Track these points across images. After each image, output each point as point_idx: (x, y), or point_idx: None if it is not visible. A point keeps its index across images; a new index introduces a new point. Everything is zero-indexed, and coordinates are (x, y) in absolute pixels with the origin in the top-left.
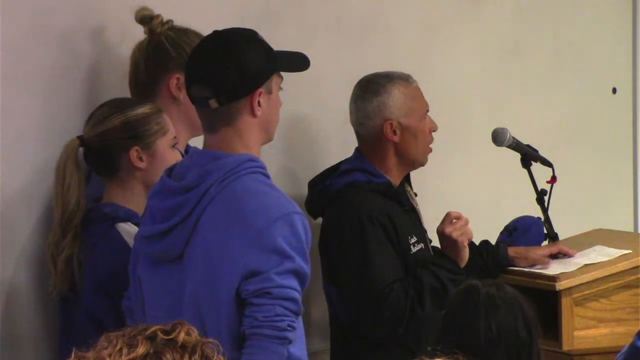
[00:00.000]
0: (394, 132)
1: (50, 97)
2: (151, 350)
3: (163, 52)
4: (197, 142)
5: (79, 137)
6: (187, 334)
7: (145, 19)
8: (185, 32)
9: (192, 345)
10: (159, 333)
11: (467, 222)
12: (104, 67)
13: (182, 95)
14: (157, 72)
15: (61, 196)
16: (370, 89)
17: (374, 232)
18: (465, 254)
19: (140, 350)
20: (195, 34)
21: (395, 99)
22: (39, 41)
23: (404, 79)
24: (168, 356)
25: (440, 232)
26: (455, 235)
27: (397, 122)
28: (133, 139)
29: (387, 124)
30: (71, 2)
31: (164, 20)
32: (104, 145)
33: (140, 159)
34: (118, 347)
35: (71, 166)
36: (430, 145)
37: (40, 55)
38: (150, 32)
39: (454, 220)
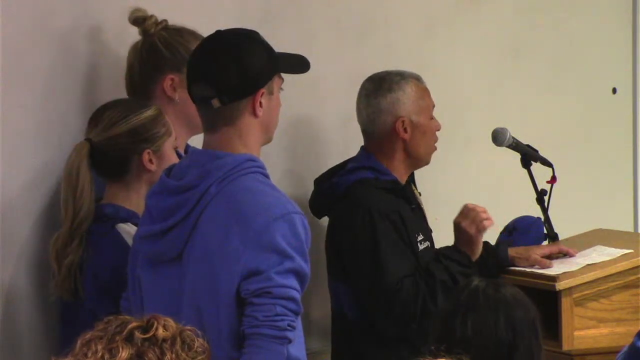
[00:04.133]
0: (405, 130)
1: (50, 97)
2: (133, 352)
3: (156, 53)
4: (197, 142)
5: (88, 140)
6: (164, 328)
7: (138, 20)
8: (180, 31)
9: (171, 337)
10: (135, 332)
11: (481, 213)
12: (104, 67)
13: (178, 96)
14: (151, 74)
15: (73, 201)
16: (384, 85)
17: (385, 229)
18: (478, 249)
19: (123, 354)
20: (190, 33)
21: (409, 97)
22: (39, 41)
23: (416, 78)
24: (150, 355)
25: (457, 224)
26: (471, 231)
27: (409, 119)
28: (145, 142)
29: (399, 120)
30: (71, 2)
31: (158, 21)
32: (115, 149)
33: (151, 161)
34: (99, 355)
35: (84, 170)
36: (435, 145)
37: (40, 55)
38: (144, 33)
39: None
